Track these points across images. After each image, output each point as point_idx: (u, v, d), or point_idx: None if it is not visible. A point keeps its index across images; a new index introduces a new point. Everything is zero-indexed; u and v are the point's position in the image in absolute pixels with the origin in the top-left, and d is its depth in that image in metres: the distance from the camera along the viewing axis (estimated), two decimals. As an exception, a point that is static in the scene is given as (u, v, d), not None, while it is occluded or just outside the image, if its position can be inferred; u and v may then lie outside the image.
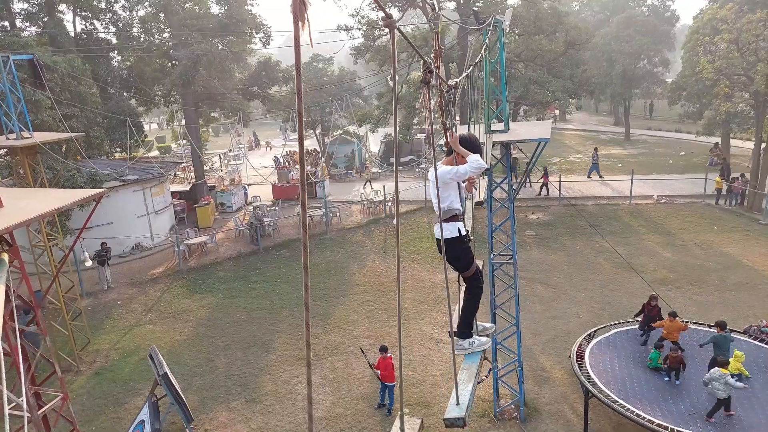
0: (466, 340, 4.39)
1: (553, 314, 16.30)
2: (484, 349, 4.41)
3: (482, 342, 4.43)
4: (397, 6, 28.00)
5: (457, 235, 4.15)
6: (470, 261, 4.29)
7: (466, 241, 4.24)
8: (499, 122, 11.57)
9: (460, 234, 4.16)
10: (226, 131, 49.45)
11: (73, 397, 12.79)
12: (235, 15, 27.43)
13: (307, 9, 1.58)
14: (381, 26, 2.99)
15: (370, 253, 21.77)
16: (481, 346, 4.41)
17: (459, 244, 4.19)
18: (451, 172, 4.09)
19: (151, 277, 20.29)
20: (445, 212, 4.12)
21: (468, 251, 4.27)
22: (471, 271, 4.31)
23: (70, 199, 7.86)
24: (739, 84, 24.24)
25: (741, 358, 11.14)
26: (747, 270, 18.46)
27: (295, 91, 14.36)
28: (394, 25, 2.04)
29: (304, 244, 1.91)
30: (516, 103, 28.43)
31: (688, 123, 35.57)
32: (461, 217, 4.25)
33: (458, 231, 4.16)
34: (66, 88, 20.06)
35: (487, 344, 4.42)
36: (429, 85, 2.63)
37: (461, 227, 4.20)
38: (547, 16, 26.52)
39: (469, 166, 4.04)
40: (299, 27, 1.58)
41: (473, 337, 4.42)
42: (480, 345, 4.41)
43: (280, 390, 13.32)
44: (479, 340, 4.43)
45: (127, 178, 22.07)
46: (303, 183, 1.98)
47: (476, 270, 4.36)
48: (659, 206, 24.95)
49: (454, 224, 4.17)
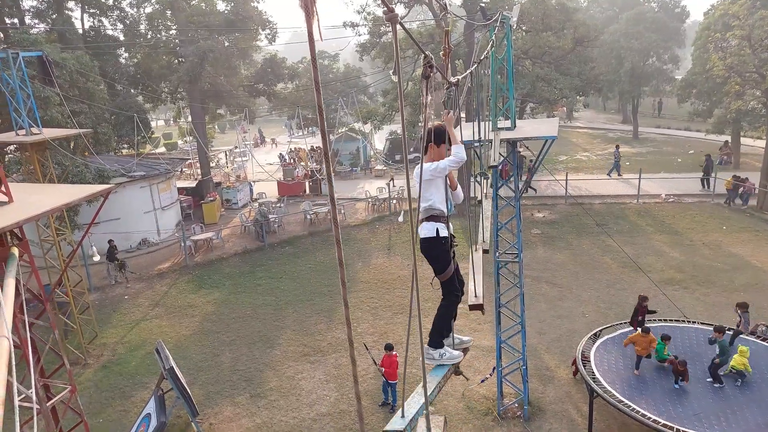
0: (436, 350, 4.17)
1: (559, 313, 16.25)
2: (455, 363, 4.17)
3: (453, 356, 4.20)
4: (403, 2, 27.89)
5: (433, 235, 4.02)
6: (445, 265, 4.11)
7: (444, 244, 4.07)
8: (505, 120, 11.53)
9: (438, 235, 4.02)
10: (232, 128, 49.62)
11: (81, 390, 12.90)
12: (241, 12, 27.47)
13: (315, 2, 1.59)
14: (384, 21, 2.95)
15: (375, 250, 21.79)
16: (452, 360, 4.19)
17: (436, 245, 4.05)
18: (431, 168, 3.90)
19: (158, 273, 20.42)
20: (426, 210, 3.98)
21: (445, 254, 4.09)
22: (445, 276, 4.14)
23: (78, 194, 7.91)
24: (751, 81, 23.99)
25: (746, 353, 11.07)
26: (756, 271, 18.32)
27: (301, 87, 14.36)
28: (396, 19, 2.04)
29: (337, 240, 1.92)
30: (523, 101, 28.28)
31: (698, 121, 35.29)
32: (444, 219, 4.07)
33: (436, 231, 4.02)
34: (74, 85, 20.18)
35: (458, 359, 4.17)
36: (428, 79, 2.60)
37: (441, 228, 4.03)
38: (555, 12, 26.34)
39: (449, 161, 3.87)
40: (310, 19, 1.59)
41: (444, 348, 4.20)
42: (450, 358, 4.20)
43: (284, 385, 13.38)
44: (450, 352, 4.20)
45: (135, 174, 22.21)
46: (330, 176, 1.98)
47: (452, 276, 4.16)
48: (667, 205, 24.80)
49: (433, 224, 4.03)
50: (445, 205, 4.07)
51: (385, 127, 32.63)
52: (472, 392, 12.78)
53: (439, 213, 4.04)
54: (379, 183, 29.31)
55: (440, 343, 4.23)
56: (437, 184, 3.99)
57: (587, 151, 37.96)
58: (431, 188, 3.96)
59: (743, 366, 10.94)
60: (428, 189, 3.95)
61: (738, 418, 10.01)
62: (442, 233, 4.05)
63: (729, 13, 24.74)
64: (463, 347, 4.49)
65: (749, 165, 28.92)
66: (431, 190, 3.96)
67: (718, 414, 10.17)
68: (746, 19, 22.97)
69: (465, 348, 4.51)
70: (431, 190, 3.95)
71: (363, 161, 36.05)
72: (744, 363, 10.97)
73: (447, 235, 4.07)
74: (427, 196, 3.94)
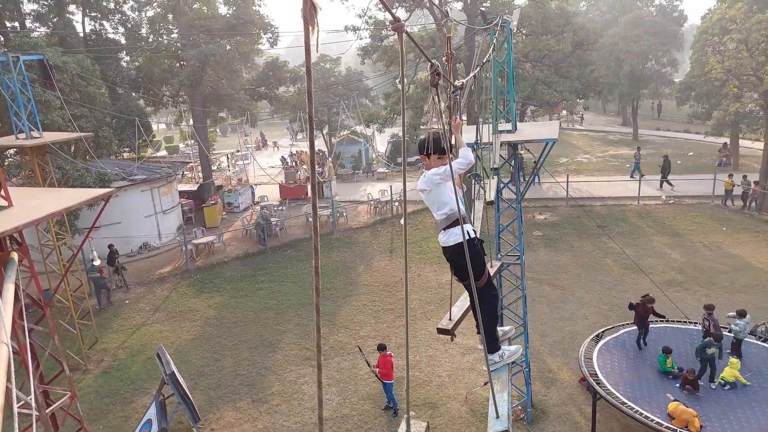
0: (495, 353, 4.09)
1: (561, 315, 16.22)
2: (517, 357, 4.19)
3: (512, 351, 4.16)
4: (405, 6, 27.93)
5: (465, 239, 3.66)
6: (482, 268, 3.88)
7: (475, 245, 3.84)
8: (506, 122, 11.53)
9: (470, 237, 3.75)
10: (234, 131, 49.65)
11: (81, 396, 12.86)
12: (243, 16, 27.52)
13: (317, 13, 1.58)
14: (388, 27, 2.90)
15: (377, 253, 21.76)
16: (513, 356, 4.14)
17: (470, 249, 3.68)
18: (439, 171, 3.68)
19: (159, 277, 20.39)
20: (447, 217, 3.76)
21: (479, 257, 3.88)
22: (483, 280, 3.87)
23: (78, 198, 7.90)
24: (749, 84, 24.03)
25: (736, 365, 11.08)
26: (756, 272, 18.29)
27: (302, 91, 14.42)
28: (402, 28, 2.02)
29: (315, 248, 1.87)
30: (523, 104, 28.31)
31: (697, 123, 35.31)
32: (467, 219, 3.83)
33: (467, 234, 3.71)
34: (75, 89, 20.20)
35: (517, 353, 4.17)
36: (437, 87, 2.56)
37: (469, 230, 3.78)
38: (555, 16, 26.40)
39: (457, 163, 3.62)
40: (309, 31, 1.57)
41: (501, 349, 4.14)
42: (511, 355, 4.14)
43: (286, 390, 13.34)
44: (509, 350, 4.17)
45: (136, 177, 22.20)
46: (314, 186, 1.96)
47: (488, 278, 3.96)
48: (667, 207, 24.78)
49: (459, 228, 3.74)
50: (463, 206, 3.84)
51: (387, 130, 32.65)
52: (475, 395, 12.74)
53: (463, 215, 3.77)
54: (381, 185, 29.31)
55: (497, 346, 4.14)
56: (448, 187, 3.74)
57: (588, 153, 37.94)
58: (445, 192, 3.73)
59: (734, 378, 10.92)
60: (442, 194, 3.73)
61: (741, 420, 9.98)
62: (473, 235, 3.83)
63: (726, 17, 24.81)
64: (506, 337, 4.47)
65: (748, 167, 28.90)
66: (446, 194, 3.73)
67: (720, 416, 10.14)
68: (743, 23, 23.04)
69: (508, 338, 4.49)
70: (446, 194, 3.73)
71: (365, 164, 36.07)
72: (735, 375, 10.95)
73: (477, 236, 3.92)
74: (443, 201, 3.73)
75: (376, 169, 35.42)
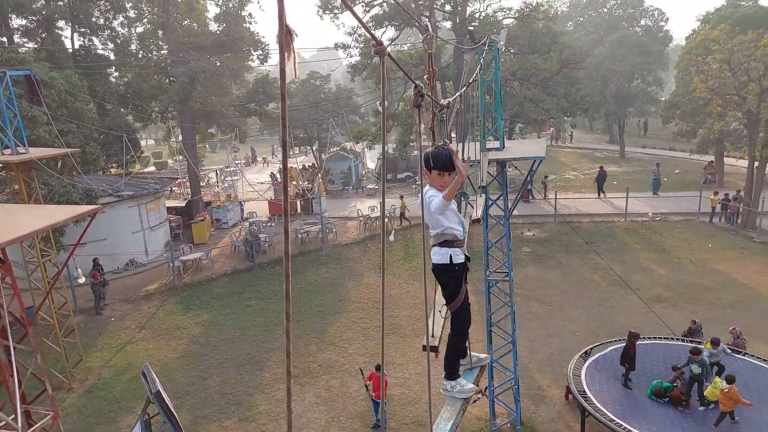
0: (448, 381, 3.96)
1: (550, 332, 16.23)
2: (465, 396, 3.92)
3: (464, 390, 3.93)
4: (394, 25, 28.30)
5: (446, 262, 3.73)
6: (456, 294, 3.80)
7: (457, 271, 3.77)
8: (494, 140, 11.65)
9: (451, 262, 3.72)
10: (223, 147, 49.60)
11: (65, 415, 12.59)
12: (233, 33, 27.66)
13: (293, 39, 1.60)
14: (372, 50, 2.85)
15: (366, 269, 21.71)
16: (462, 394, 3.92)
17: (448, 271, 3.76)
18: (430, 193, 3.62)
19: (145, 294, 20.14)
20: (439, 236, 3.72)
21: (457, 282, 3.79)
22: (455, 305, 3.83)
23: (64, 215, 7.83)
24: (732, 103, 24.53)
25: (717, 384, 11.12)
26: (742, 288, 18.48)
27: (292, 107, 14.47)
28: (384, 52, 2.04)
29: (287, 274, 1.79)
30: (511, 121, 28.66)
31: (682, 141, 35.89)
32: (459, 243, 3.76)
33: (449, 258, 3.71)
34: (63, 104, 20.09)
35: (469, 393, 3.92)
36: (420, 108, 2.60)
37: (455, 255, 3.73)
38: (542, 35, 26.90)
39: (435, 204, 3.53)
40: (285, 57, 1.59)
41: (456, 381, 3.96)
42: (461, 392, 3.92)
43: (274, 409, 13.16)
44: (462, 386, 3.94)
45: (123, 193, 22.02)
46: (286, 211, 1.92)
47: (461, 306, 3.85)
48: (654, 224, 25.05)
49: (447, 250, 3.73)
50: (460, 229, 3.79)
51: (377, 147, 32.81)
52: (464, 414, 12.64)
53: (452, 238, 3.75)
54: (371, 202, 29.36)
55: (453, 375, 4.00)
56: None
57: (575, 170, 38.37)
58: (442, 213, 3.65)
59: (716, 397, 10.94)
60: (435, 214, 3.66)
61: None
62: (455, 260, 3.75)
63: (710, 37, 25.40)
64: (480, 365, 4.36)
65: (733, 184, 29.38)
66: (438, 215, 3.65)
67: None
68: (726, 44, 23.59)
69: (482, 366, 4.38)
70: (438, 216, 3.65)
71: (355, 180, 36.15)
72: (716, 394, 10.97)
73: (461, 262, 3.78)
74: (440, 220, 3.67)
75: (366, 185, 35.50)
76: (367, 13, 27.55)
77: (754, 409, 10.64)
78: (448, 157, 3.59)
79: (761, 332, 15.22)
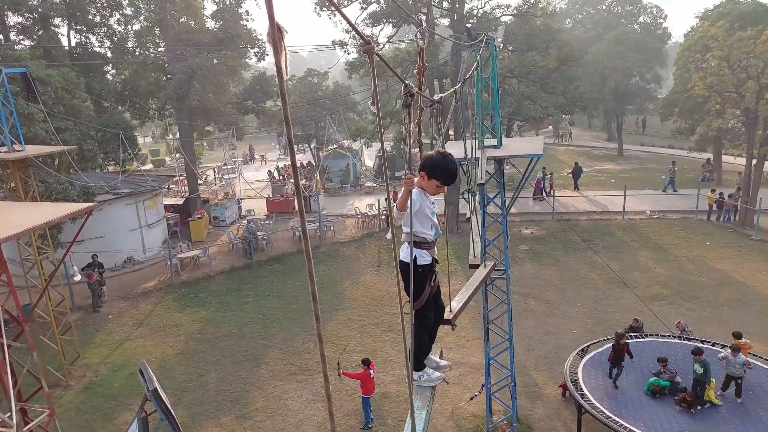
0: (416, 372, 4.20)
1: (547, 330, 16.26)
2: (433, 385, 4.21)
3: (431, 378, 4.19)
4: (392, 22, 28.22)
5: (408, 261, 3.77)
6: (417, 294, 3.89)
7: (420, 272, 3.85)
8: (492, 137, 11.63)
9: (415, 263, 3.79)
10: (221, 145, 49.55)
11: (62, 413, 12.59)
12: (230, 30, 27.58)
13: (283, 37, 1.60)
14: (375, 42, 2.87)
15: (364, 267, 21.71)
16: (430, 382, 4.19)
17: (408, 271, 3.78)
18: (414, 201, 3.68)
19: (143, 291, 20.13)
20: (409, 235, 3.81)
21: (419, 283, 3.87)
22: (417, 304, 3.93)
23: (61, 212, 7.82)
24: (731, 100, 24.53)
25: (712, 385, 11.17)
26: (740, 286, 18.52)
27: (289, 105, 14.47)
28: (373, 51, 2.04)
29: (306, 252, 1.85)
30: (509, 119, 28.62)
31: (681, 139, 35.90)
32: (426, 245, 3.87)
33: (414, 259, 3.78)
34: (60, 102, 20.04)
35: (436, 381, 4.21)
36: (410, 107, 2.62)
37: (419, 256, 3.82)
38: (540, 32, 26.82)
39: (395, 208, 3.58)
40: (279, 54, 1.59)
41: (423, 371, 4.22)
42: (428, 380, 4.19)
43: (271, 405, 13.17)
44: (429, 375, 4.20)
45: (120, 191, 21.99)
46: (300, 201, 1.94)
47: (424, 304, 3.98)
48: (652, 221, 25.07)
49: (415, 250, 3.82)
50: (431, 232, 3.87)
51: (375, 145, 32.77)
52: (461, 410, 12.68)
53: (420, 239, 3.86)
54: (369, 199, 29.34)
55: (420, 366, 4.20)
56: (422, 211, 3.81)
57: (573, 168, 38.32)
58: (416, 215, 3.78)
59: (711, 398, 10.99)
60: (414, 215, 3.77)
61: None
62: (420, 261, 3.84)
63: (708, 34, 25.37)
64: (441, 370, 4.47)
65: (731, 182, 29.40)
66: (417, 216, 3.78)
67: (705, 430, 10.18)
68: (725, 41, 23.57)
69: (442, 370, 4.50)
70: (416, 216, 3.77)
71: (353, 178, 36.12)
72: (709, 395, 11.01)
73: (426, 264, 3.88)
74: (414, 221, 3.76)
75: (364, 183, 35.48)
76: (364, 10, 27.47)
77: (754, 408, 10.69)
78: (455, 172, 3.67)
79: (758, 330, 15.26)
